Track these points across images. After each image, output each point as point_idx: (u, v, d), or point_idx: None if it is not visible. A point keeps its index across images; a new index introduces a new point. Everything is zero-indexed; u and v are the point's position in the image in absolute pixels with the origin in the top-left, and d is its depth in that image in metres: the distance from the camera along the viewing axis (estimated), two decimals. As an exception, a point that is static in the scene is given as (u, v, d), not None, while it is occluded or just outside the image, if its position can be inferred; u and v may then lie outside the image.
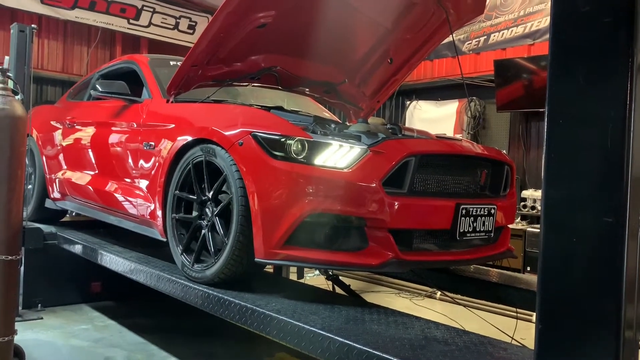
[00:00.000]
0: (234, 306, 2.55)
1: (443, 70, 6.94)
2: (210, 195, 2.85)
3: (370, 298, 5.15)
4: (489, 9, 6.52)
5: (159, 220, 3.20)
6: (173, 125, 3.22)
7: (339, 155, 2.56)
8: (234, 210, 2.67)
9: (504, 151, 6.26)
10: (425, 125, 6.92)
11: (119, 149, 3.76)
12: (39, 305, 4.65)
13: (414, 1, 3.49)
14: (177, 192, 3.04)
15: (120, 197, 3.67)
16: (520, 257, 5.28)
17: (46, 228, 4.63)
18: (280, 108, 3.70)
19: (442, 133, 6.81)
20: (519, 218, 5.66)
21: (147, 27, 8.63)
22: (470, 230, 2.80)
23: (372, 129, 2.97)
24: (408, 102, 7.19)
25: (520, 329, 3.64)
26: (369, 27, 3.79)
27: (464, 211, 2.74)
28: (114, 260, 3.58)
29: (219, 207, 2.78)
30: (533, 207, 5.42)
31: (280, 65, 3.67)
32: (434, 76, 7.01)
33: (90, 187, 4.07)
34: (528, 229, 5.21)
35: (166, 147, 3.18)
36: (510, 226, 5.54)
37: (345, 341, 2.02)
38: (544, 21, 5.96)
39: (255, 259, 2.59)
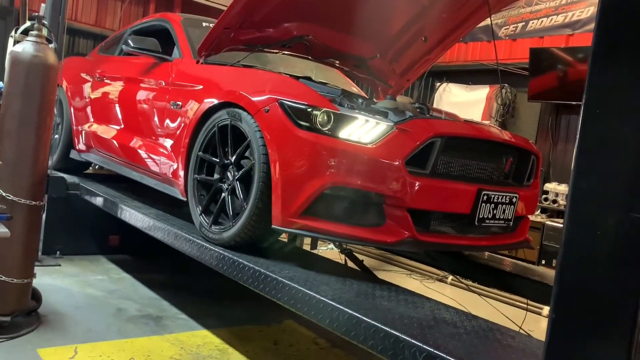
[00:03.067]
0: (247, 270, 2.58)
1: (477, 53, 6.81)
2: (232, 159, 2.87)
3: (381, 276, 5.19)
4: (530, -6, 6.35)
5: (181, 180, 3.23)
6: (201, 87, 3.22)
7: (364, 130, 2.55)
8: (255, 176, 2.68)
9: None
10: (454, 109, 6.80)
11: (146, 106, 3.79)
12: (58, 252, 4.76)
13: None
14: (200, 153, 3.06)
15: (144, 154, 3.71)
16: (536, 250, 5.24)
17: (69, 178, 4.72)
18: (308, 79, 3.68)
19: (470, 118, 6.72)
20: (539, 211, 5.59)
21: (182, -14, 8.60)
22: (489, 217, 2.78)
23: (400, 106, 2.94)
24: (438, 84, 7.09)
25: (528, 321, 3.64)
26: (406, 2, 3.72)
27: (485, 197, 2.71)
28: (134, 215, 3.63)
29: (240, 172, 2.80)
30: (554, 201, 5.34)
31: (313, 35, 3.63)
32: (467, 59, 6.88)
33: (115, 142, 4.12)
34: (547, 222, 5.15)
35: (193, 108, 3.19)
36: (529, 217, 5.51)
37: (354, 313, 2.04)
38: (587, 11, 5.79)
39: (272, 226, 2.61)
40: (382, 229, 2.55)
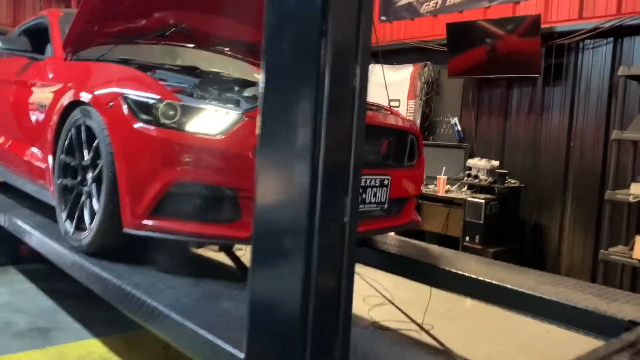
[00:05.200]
0: (99, 278, 2.44)
1: (401, 32, 6.69)
2: (89, 160, 2.70)
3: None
4: (448, -32, 6.23)
5: (52, 184, 3.06)
6: (61, 85, 3.04)
7: (211, 121, 2.40)
8: (103, 176, 2.53)
9: (456, 119, 6.08)
10: (381, 90, 6.70)
11: (21, 108, 3.58)
12: (-38, 268, 4.55)
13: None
14: (62, 156, 2.89)
15: (22, 160, 3.52)
16: (459, 227, 5.19)
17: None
18: (194, 69, 3.53)
19: (395, 98, 6.63)
20: (465, 187, 5.53)
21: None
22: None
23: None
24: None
25: (437, 307, 3.56)
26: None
27: (350, 182, 2.60)
28: (14, 223, 3.46)
29: (94, 173, 2.65)
30: (476, 177, 5.28)
31: (187, 23, 3.45)
32: (393, 39, 6.76)
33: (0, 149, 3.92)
34: (468, 199, 5.09)
35: (54, 107, 3.01)
36: (453, 195, 5.45)
37: (179, 320, 1.92)
38: (501, -18, 5.71)
39: (124, 230, 2.47)
40: (238, 223, 2.42)
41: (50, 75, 3.29)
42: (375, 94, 6.66)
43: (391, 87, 6.62)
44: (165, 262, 2.68)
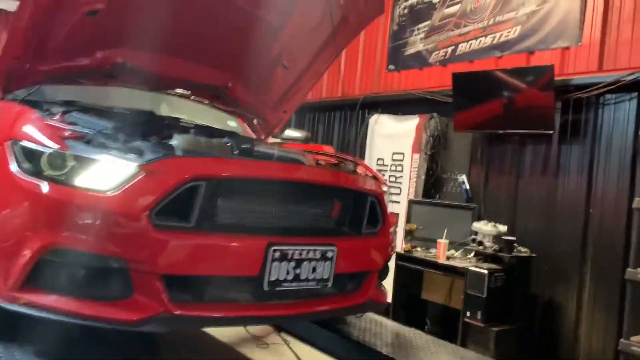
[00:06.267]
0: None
1: (410, 83, 6.26)
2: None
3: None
4: (458, 16, 5.81)
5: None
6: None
7: (104, 174, 1.98)
8: (-21, 236, 2.12)
9: (464, 176, 5.50)
10: (384, 142, 6.27)
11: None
12: None
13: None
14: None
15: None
16: (460, 299, 4.55)
17: None
18: (150, 114, 3.15)
19: (399, 151, 6.13)
20: (472, 254, 4.92)
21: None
22: (290, 278, 2.17)
23: (190, 143, 2.34)
24: (369, 116, 6.54)
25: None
26: (251, 22, 3.21)
27: (277, 254, 2.11)
28: None
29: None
30: (480, 243, 4.68)
31: (132, 62, 3.10)
32: (400, 89, 6.34)
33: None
34: (470, 268, 4.47)
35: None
36: (456, 263, 4.82)
37: None
38: (514, 31, 5.24)
39: (-6, 302, 2.03)
40: (126, 302, 1.96)
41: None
42: (381, 146, 6.20)
43: (395, 139, 6.17)
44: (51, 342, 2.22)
